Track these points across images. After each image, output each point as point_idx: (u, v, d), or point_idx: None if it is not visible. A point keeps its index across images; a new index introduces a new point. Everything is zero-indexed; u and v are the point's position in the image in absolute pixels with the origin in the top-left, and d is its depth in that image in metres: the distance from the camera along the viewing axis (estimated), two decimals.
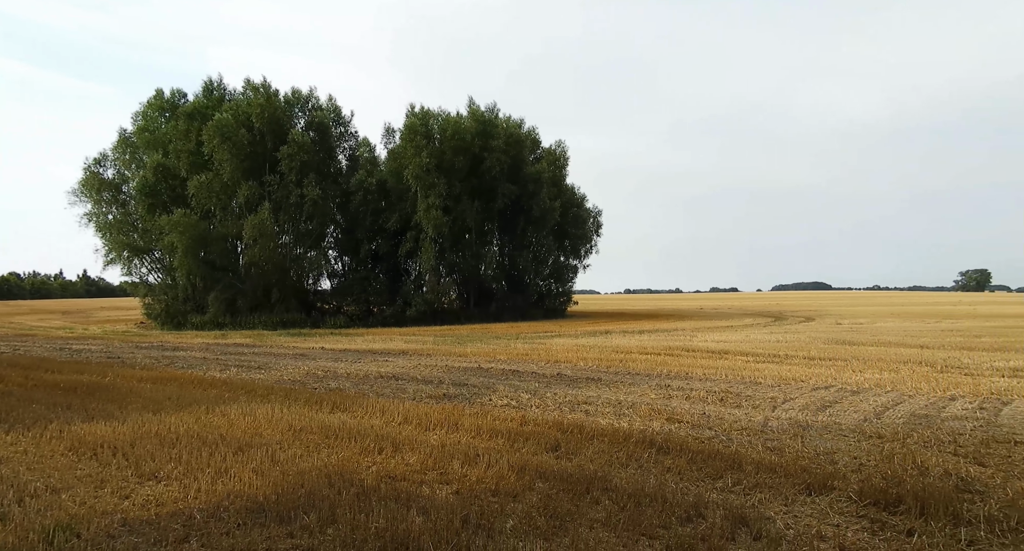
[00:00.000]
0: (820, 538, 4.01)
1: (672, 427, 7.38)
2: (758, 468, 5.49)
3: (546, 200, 41.65)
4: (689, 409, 8.50)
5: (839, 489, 4.94)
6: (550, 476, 5.21)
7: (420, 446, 6.17)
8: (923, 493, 4.63)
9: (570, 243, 47.82)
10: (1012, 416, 7.92)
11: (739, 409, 8.55)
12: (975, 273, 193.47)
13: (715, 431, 7.19)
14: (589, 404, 8.98)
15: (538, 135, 46.22)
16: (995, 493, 4.81)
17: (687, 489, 4.96)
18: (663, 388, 10.36)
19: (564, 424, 7.32)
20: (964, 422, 7.57)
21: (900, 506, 4.51)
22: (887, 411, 8.32)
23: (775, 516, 4.39)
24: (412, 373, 12.56)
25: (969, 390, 9.82)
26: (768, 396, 9.50)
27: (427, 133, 38.68)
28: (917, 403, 8.86)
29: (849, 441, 6.69)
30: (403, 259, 40.73)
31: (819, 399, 9.22)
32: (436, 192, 37.14)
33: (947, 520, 4.24)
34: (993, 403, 8.79)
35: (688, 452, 6.03)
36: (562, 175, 46.99)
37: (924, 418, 7.82)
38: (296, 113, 39.43)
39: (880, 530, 4.15)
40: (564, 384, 10.99)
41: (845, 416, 8.01)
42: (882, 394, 9.63)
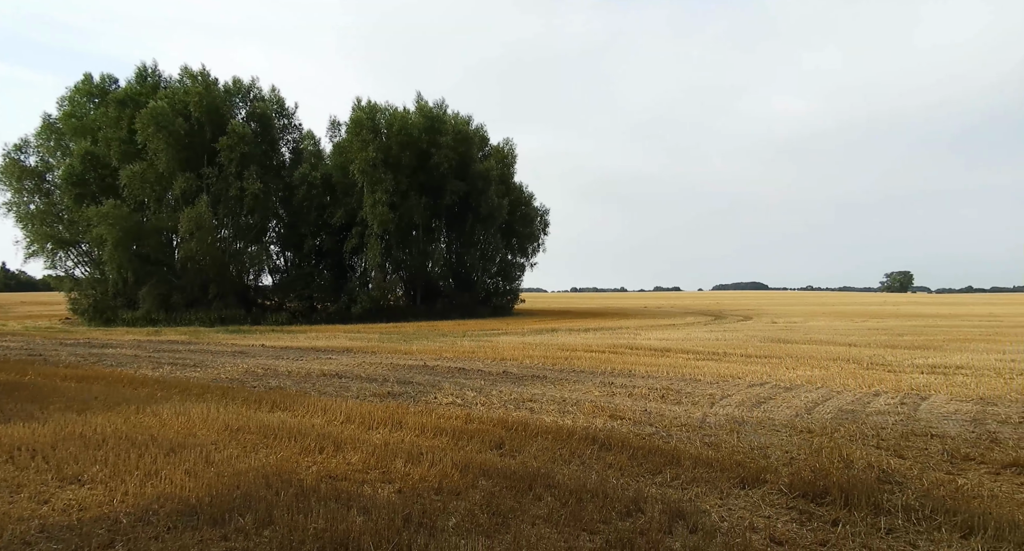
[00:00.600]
0: (752, 529, 4.16)
1: (615, 424, 7.51)
2: (696, 463, 5.65)
3: (494, 198, 41.68)
4: (632, 406, 8.67)
5: (771, 482, 5.13)
6: (494, 474, 5.22)
7: (363, 445, 6.08)
8: (848, 485, 4.86)
9: (518, 241, 48.04)
10: (929, 410, 8.40)
11: (679, 406, 8.77)
12: (899, 275, 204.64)
13: (656, 427, 7.36)
14: (534, 402, 9.04)
15: (486, 133, 46.26)
16: (912, 484, 5.10)
17: (628, 484, 5.06)
18: (607, 386, 10.53)
19: (509, 422, 7.35)
20: (886, 417, 7.98)
21: (826, 497, 4.72)
22: (817, 407, 8.69)
23: (711, 509, 4.53)
24: (356, 371, 12.36)
25: (892, 386, 10.36)
26: (707, 393, 9.78)
27: (374, 127, 38.08)
28: (844, 399, 9.29)
29: (781, 436, 6.96)
30: (348, 255, 40.00)
31: (754, 395, 9.55)
32: (383, 188, 36.62)
33: (869, 510, 4.47)
34: (913, 398, 9.30)
35: (630, 448, 6.15)
36: (510, 173, 47.15)
37: (851, 413, 8.21)
38: (237, 103, 38.13)
39: (808, 521, 4.34)
40: (510, 382, 11.03)
41: (778, 412, 8.33)
42: (813, 390, 10.05)
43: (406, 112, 40.21)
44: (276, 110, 39.28)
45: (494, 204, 41.60)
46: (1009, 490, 5.01)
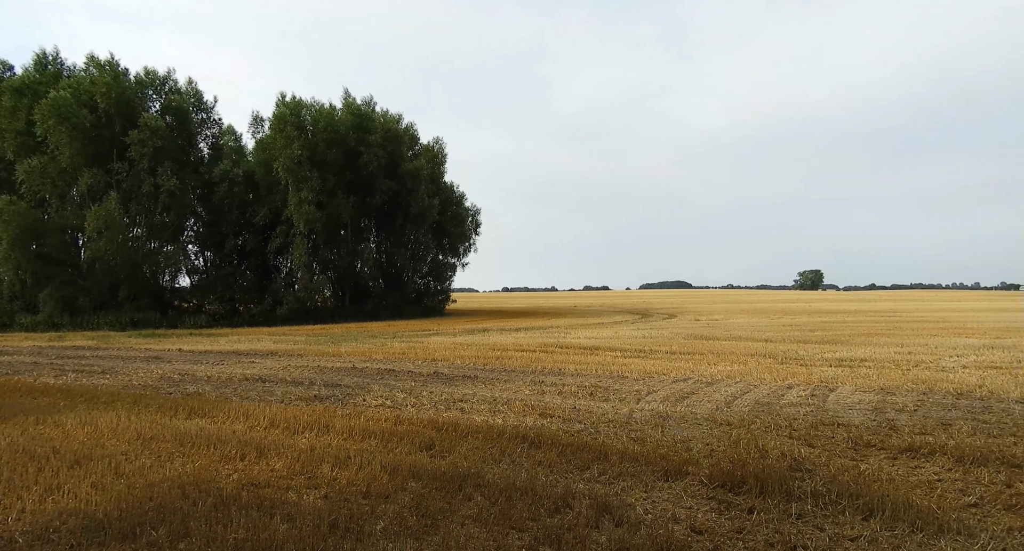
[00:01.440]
0: (675, 520, 4.31)
1: (544, 422, 7.60)
2: (622, 458, 5.79)
3: (424, 197, 41.34)
4: (561, 404, 8.80)
5: (693, 474, 5.33)
6: (424, 475, 5.18)
7: (287, 450, 5.89)
8: (763, 474, 5.12)
9: (449, 241, 47.85)
10: (837, 401, 8.94)
11: (607, 402, 8.97)
12: (811, 273, 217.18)
13: (584, 424, 7.50)
14: (465, 402, 9.03)
15: (416, 132, 45.81)
16: (821, 471, 5.42)
17: (556, 481, 5.14)
18: (537, 384, 10.64)
19: (439, 422, 7.31)
20: (798, 408, 8.44)
21: (743, 487, 4.95)
22: (736, 400, 9.08)
23: (636, 502, 4.66)
24: (281, 375, 11.96)
25: (803, 379, 10.96)
26: (633, 389, 10.05)
27: (299, 124, 36.99)
28: (761, 392, 9.75)
29: (703, 429, 7.23)
30: (273, 255, 38.69)
31: (678, 391, 9.88)
32: (309, 186, 35.63)
33: (781, 497, 4.72)
34: (822, 390, 9.87)
35: (559, 445, 6.24)
36: (440, 172, 46.90)
37: (766, 406, 8.63)
38: (150, 95, 36.18)
39: (726, 510, 4.54)
40: (441, 382, 10.96)
41: (700, 406, 8.66)
42: (732, 385, 10.50)
43: (333, 109, 39.27)
44: (193, 103, 37.51)
45: (424, 203, 41.25)
46: (905, 473, 5.41)
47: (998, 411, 8.01)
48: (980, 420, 7.49)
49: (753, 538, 4.01)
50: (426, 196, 41.56)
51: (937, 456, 5.88)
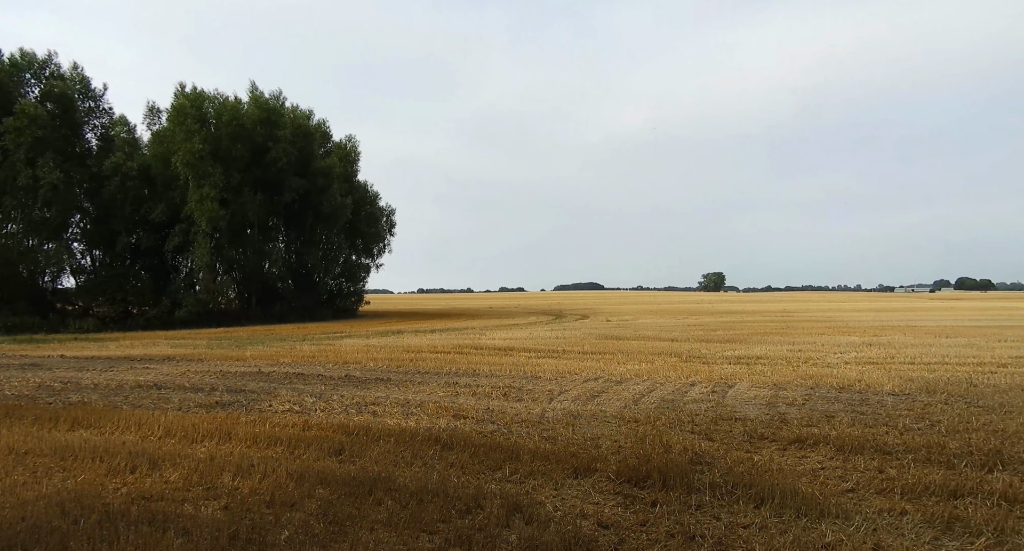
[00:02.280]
0: (583, 516, 4.43)
1: (458, 423, 7.60)
2: (534, 457, 5.88)
3: (337, 196, 40.25)
4: (475, 405, 8.82)
5: (601, 470, 5.49)
6: (332, 481, 5.05)
7: (184, 461, 5.57)
8: (666, 468, 5.34)
9: (363, 241, 46.84)
10: (735, 397, 9.47)
11: (520, 402, 9.08)
12: (714, 275, 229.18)
13: (498, 425, 7.55)
14: (377, 405, 8.87)
15: (328, 128, 44.56)
16: (719, 463, 5.72)
17: (468, 482, 5.15)
18: (452, 386, 10.61)
19: (350, 427, 7.14)
20: (700, 404, 8.87)
21: (648, 481, 5.16)
22: (643, 398, 9.43)
23: (546, 500, 4.75)
24: (179, 381, 11.29)
25: (705, 376, 11.53)
26: (546, 389, 10.22)
27: (201, 117, 35.05)
28: (666, 390, 10.18)
29: (612, 426, 7.46)
30: (172, 254, 36.46)
31: (589, 390, 10.15)
32: (212, 182, 33.81)
33: (683, 489, 4.95)
34: (722, 387, 10.42)
35: (472, 446, 6.25)
36: (354, 171, 45.88)
37: (671, 403, 9.02)
38: (27, 80, 33.16)
39: (631, 504, 4.71)
40: (352, 385, 10.71)
41: (610, 404, 8.92)
42: (640, 383, 10.89)
43: (238, 102, 37.51)
44: (80, 91, 34.70)
45: (337, 202, 40.16)
46: (793, 463, 5.81)
47: (873, 403, 8.75)
48: (858, 412, 8.15)
49: (656, 529, 4.18)
50: (339, 195, 40.47)
51: (821, 446, 6.35)
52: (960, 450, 5.99)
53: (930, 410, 8.11)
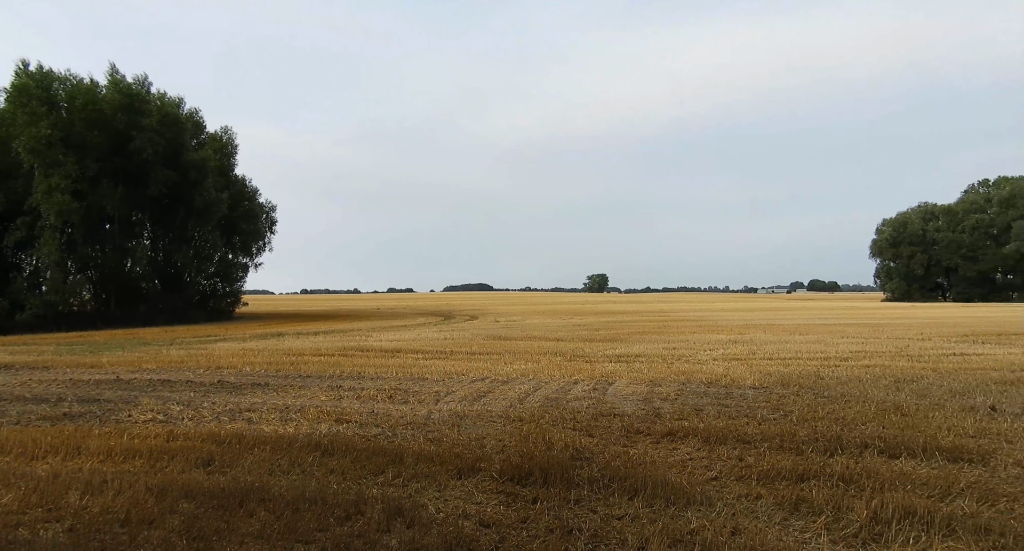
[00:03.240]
0: (465, 516, 4.45)
1: (340, 428, 7.38)
2: (418, 459, 5.83)
3: (211, 191, 37.71)
4: (359, 408, 8.60)
5: (485, 470, 5.54)
6: (199, 494, 4.73)
7: (21, 480, 4.99)
8: (547, 465, 5.49)
9: (240, 239, 44.26)
10: (615, 394, 9.90)
11: (406, 405, 8.96)
12: (597, 277, 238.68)
13: (382, 428, 7.41)
14: (253, 411, 8.41)
15: (202, 118, 41.73)
16: (598, 458, 5.96)
17: (349, 488, 5.01)
18: (335, 389, 10.28)
19: (221, 435, 6.72)
20: (582, 402, 9.18)
21: (530, 478, 5.27)
22: (528, 397, 9.63)
23: (429, 502, 4.72)
24: (18, 391, 10.10)
25: (587, 375, 11.96)
26: (433, 390, 10.16)
27: (49, 99, 31.66)
28: (551, 388, 10.44)
29: (497, 426, 7.55)
30: (12, 250, 32.63)
31: (476, 390, 10.20)
32: (63, 172, 30.56)
33: (563, 485, 5.10)
34: (603, 384, 10.85)
35: (354, 451, 6.09)
36: (231, 164, 43.30)
37: (554, 401, 9.27)
38: None
39: (513, 502, 4.79)
40: (226, 391, 10.09)
41: (496, 404, 9.03)
42: (526, 382, 11.10)
43: (95, 85, 34.23)
44: None
45: (211, 197, 37.64)
46: (664, 455, 6.17)
47: (737, 396, 9.47)
48: (723, 405, 8.79)
49: (536, 525, 4.28)
50: (213, 189, 37.95)
51: (690, 438, 6.79)
52: (808, 437, 6.62)
53: (784, 402, 8.89)
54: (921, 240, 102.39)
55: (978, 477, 5.22)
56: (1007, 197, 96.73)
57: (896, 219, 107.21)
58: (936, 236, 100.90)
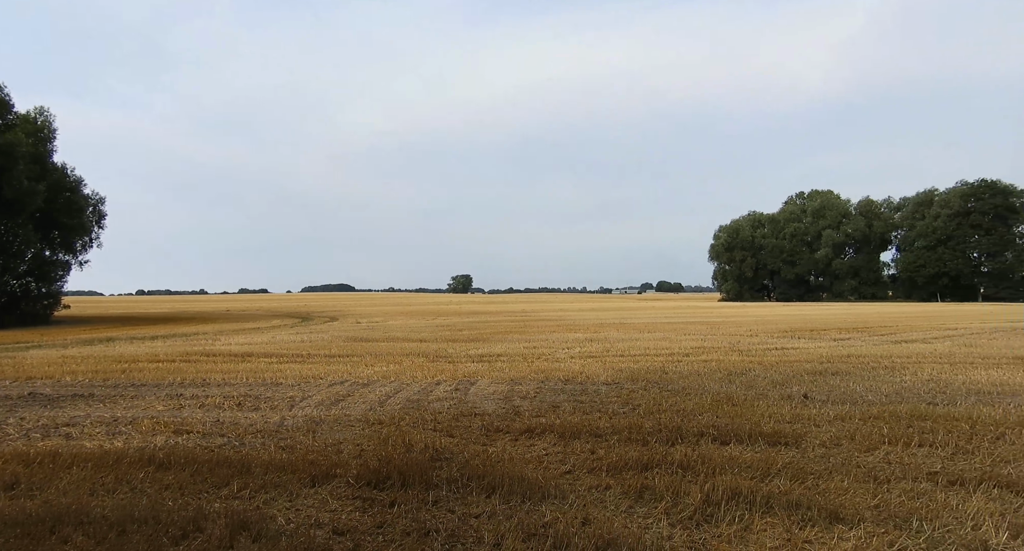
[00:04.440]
0: (318, 525, 4.27)
1: (179, 440, 6.78)
2: (267, 469, 5.51)
3: (23, 180, 33.04)
4: (202, 418, 7.96)
5: (341, 476, 5.35)
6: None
7: None
8: (406, 467, 5.42)
9: (61, 235, 39.16)
10: (476, 393, 10.00)
11: (257, 412, 8.44)
12: (462, 277, 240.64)
13: (228, 437, 6.92)
14: (73, 426, 7.49)
15: (8, 95, 36.35)
16: (457, 458, 5.98)
17: (187, 504, 4.61)
18: (174, 398, 9.44)
19: (31, 455, 5.91)
20: (444, 402, 9.18)
21: (388, 482, 5.17)
22: (389, 399, 9.45)
23: (278, 514, 4.47)
24: None
25: (450, 375, 11.97)
26: (287, 395, 9.66)
27: None
28: (412, 390, 10.33)
29: (356, 430, 7.33)
30: None
31: (334, 394, 9.84)
32: None
33: (422, 487, 5.06)
34: (464, 384, 10.92)
35: (194, 464, 5.62)
36: (48, 151, 38.19)
37: (416, 402, 9.18)
38: None
39: (370, 507, 4.67)
40: (39, 405, 8.90)
41: (355, 408, 8.76)
42: (387, 384, 10.89)
43: None
44: None
45: (23, 187, 32.97)
46: (522, 451, 6.33)
47: (591, 392, 9.95)
48: (579, 401, 9.19)
49: (392, 530, 4.21)
50: (25, 179, 33.24)
51: (547, 434, 7.02)
52: (653, 428, 7.10)
53: (633, 396, 9.47)
54: (751, 245, 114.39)
55: (792, 458, 5.89)
56: (818, 208, 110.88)
57: (730, 226, 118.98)
58: (763, 242, 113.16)
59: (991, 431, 6.82)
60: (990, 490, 4.91)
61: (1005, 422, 7.22)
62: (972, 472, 5.34)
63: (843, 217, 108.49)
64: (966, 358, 14.08)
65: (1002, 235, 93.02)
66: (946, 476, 5.25)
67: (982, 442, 6.40)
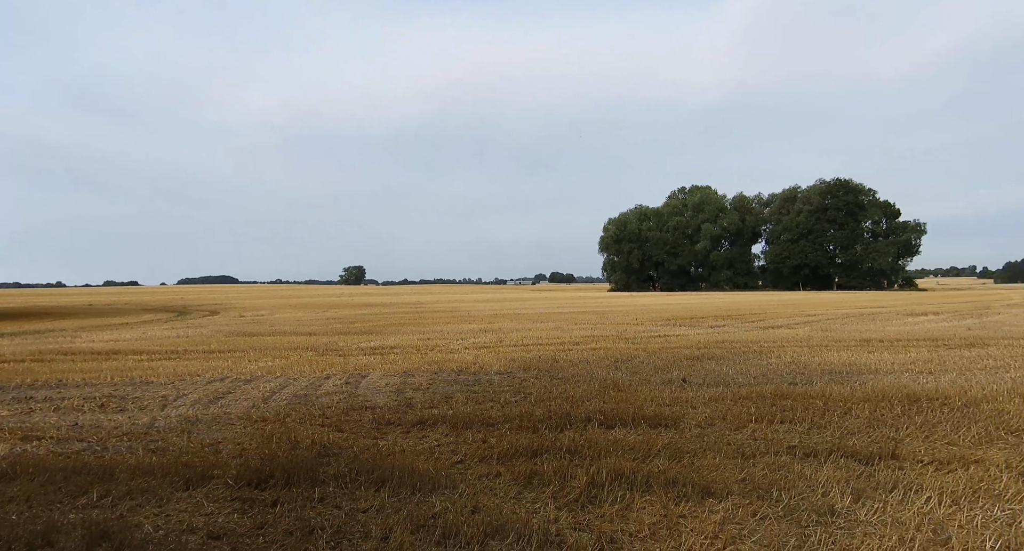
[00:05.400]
0: (191, 531, 4.00)
1: (28, 447, 6.11)
2: (134, 474, 5.09)
3: None
4: (57, 422, 7.23)
5: (219, 477, 5.05)
6: None
7: None
8: (291, 465, 5.20)
9: None
10: (367, 386, 9.77)
11: (123, 413, 7.77)
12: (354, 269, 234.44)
13: (88, 442, 6.32)
14: None
15: None
16: (346, 453, 5.82)
17: (36, 517, 4.17)
18: (23, 401, 8.50)
19: None
20: (334, 397, 8.90)
21: (271, 481, 4.94)
22: (274, 395, 9.03)
23: (145, 521, 4.14)
24: None
25: (340, 369, 11.62)
26: (159, 395, 8.98)
27: None
28: (300, 385, 9.93)
29: (236, 429, 6.94)
30: None
31: (213, 391, 9.26)
32: None
33: (308, 484, 4.88)
34: (356, 378, 10.64)
35: (46, 472, 5.09)
36: None
37: (304, 398, 8.83)
38: None
39: (249, 509, 4.44)
40: None
41: (236, 405, 8.29)
42: (272, 380, 10.40)
43: None
44: None
45: None
46: (414, 443, 6.26)
47: (484, 382, 10.02)
48: (472, 391, 9.23)
49: (274, 530, 4.02)
50: None
51: (440, 425, 6.99)
52: (543, 416, 7.26)
53: (525, 385, 9.65)
54: (637, 237, 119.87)
55: (670, 439, 6.24)
56: (698, 203, 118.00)
57: (619, 219, 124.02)
58: (648, 234, 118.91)
59: (840, 407, 7.57)
60: (838, 460, 5.45)
61: (852, 398, 8.04)
62: (824, 444, 5.90)
63: (720, 211, 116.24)
64: (822, 342, 15.53)
65: (852, 229, 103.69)
66: (802, 449, 5.77)
67: (833, 417, 7.09)
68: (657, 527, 4.10)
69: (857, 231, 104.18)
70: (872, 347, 14.18)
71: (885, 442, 5.97)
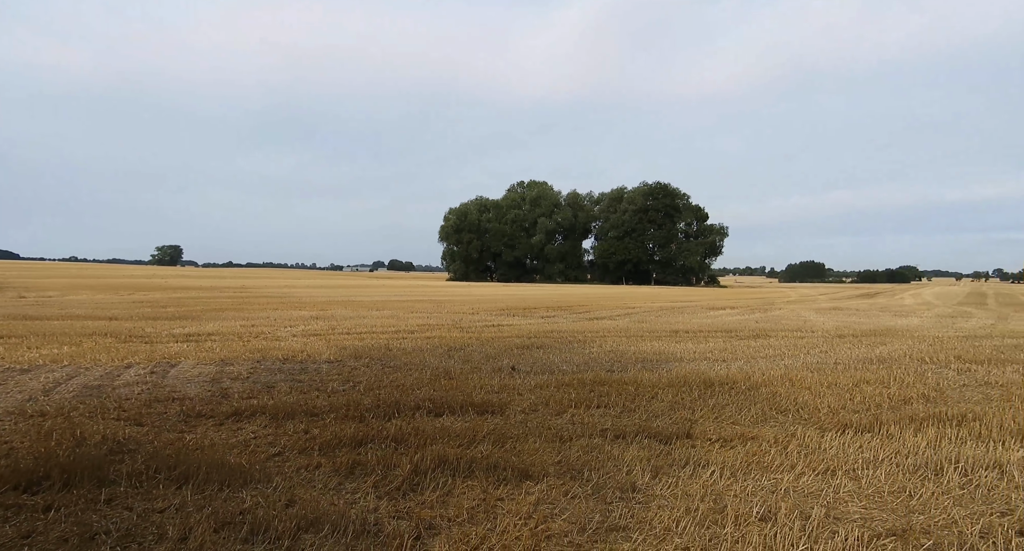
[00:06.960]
0: None
1: None
2: None
3: None
4: None
5: None
6: None
7: None
8: (73, 464, 4.58)
9: None
10: (177, 376, 8.91)
11: None
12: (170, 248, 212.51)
13: None
14: None
15: None
16: (145, 449, 5.25)
17: None
18: None
19: None
20: (134, 387, 7.99)
21: (45, 483, 4.32)
22: (59, 386, 7.92)
23: None
24: None
25: (145, 357, 10.47)
26: None
27: None
28: (93, 374, 8.81)
29: (5, 425, 5.99)
30: None
31: None
32: None
33: (93, 485, 4.33)
34: (163, 367, 9.66)
35: None
36: None
37: (96, 389, 7.84)
38: None
39: (15, 515, 3.83)
40: None
41: (6, 399, 7.16)
42: (57, 370, 9.11)
43: None
44: None
45: None
46: (227, 436, 5.82)
47: (312, 371, 9.59)
48: (297, 380, 8.79)
49: (44, 539, 3.51)
50: None
51: (258, 416, 6.57)
52: (371, 404, 7.12)
53: (355, 373, 9.39)
54: (477, 228, 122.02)
55: (496, 425, 6.42)
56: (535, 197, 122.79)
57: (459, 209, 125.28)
58: (488, 225, 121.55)
59: (648, 392, 8.30)
60: (643, 440, 5.97)
61: (659, 384, 8.85)
62: (632, 427, 6.43)
63: (555, 207, 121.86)
64: (638, 332, 16.92)
65: (669, 230, 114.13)
66: (613, 431, 6.24)
67: (642, 401, 7.75)
68: (476, 511, 4.19)
69: (673, 231, 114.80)
70: (679, 337, 15.71)
71: (683, 423, 6.65)
